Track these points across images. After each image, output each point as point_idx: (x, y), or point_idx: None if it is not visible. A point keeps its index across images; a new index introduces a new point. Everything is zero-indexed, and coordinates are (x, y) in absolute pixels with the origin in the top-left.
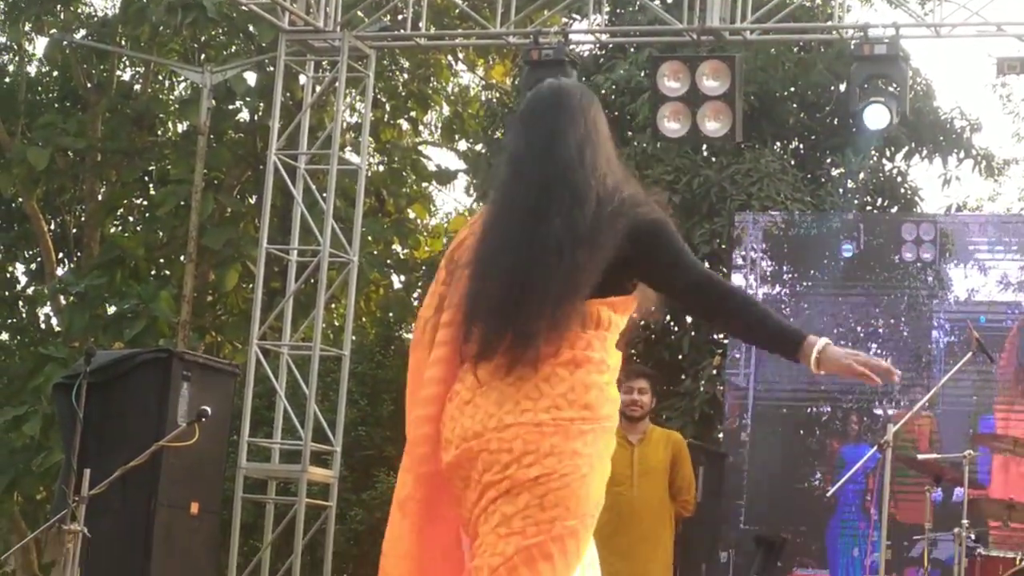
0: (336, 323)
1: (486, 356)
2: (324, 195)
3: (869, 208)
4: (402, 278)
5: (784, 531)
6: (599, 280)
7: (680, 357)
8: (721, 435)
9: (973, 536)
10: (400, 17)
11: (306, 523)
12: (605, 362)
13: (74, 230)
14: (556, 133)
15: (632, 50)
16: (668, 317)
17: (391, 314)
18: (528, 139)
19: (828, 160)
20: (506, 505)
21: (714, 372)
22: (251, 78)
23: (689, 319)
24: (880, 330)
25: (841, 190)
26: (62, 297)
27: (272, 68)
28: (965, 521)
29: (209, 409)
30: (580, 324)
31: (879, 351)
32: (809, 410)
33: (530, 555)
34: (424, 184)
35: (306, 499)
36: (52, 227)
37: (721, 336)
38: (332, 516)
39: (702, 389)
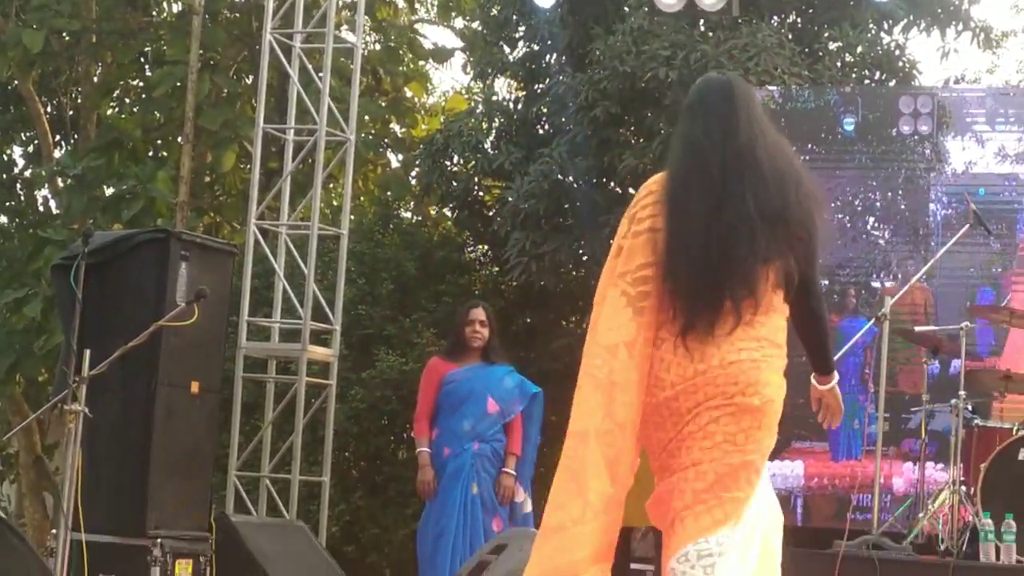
0: (334, 202)
1: (699, 314)
2: (320, 74)
3: (867, 82)
4: (400, 157)
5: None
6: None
7: None
8: None
9: (970, 407)
10: None
11: (306, 402)
12: (784, 309)
13: (71, 112)
14: (731, 121)
15: None
16: None
17: (389, 193)
18: (706, 127)
19: (825, 34)
20: (730, 425)
21: None
22: None
23: None
24: (877, 203)
25: (839, 64)
26: (60, 179)
27: None
28: (962, 392)
29: (207, 289)
30: (767, 284)
31: (876, 224)
32: None
33: (749, 467)
34: (421, 62)
35: (306, 378)
36: (48, 109)
37: None
38: (332, 395)
39: None
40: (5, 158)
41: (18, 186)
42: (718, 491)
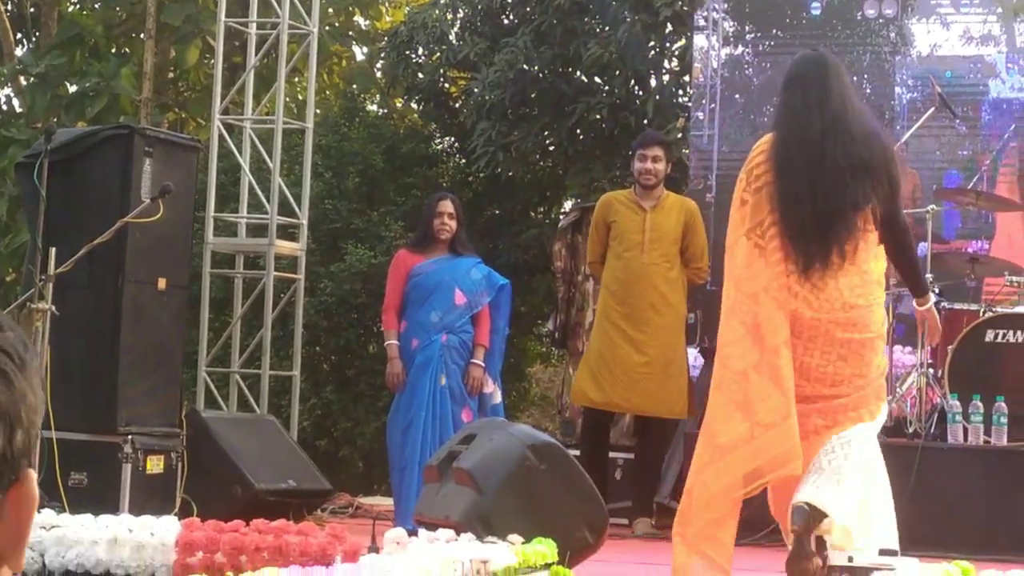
0: (299, 96)
1: (813, 256)
2: None
3: None
4: (364, 49)
5: None
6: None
7: (645, 121)
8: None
9: (937, 290)
10: None
11: (275, 297)
12: (878, 248)
13: (31, 9)
14: (825, 91)
15: None
16: (632, 83)
17: (354, 86)
18: (804, 97)
19: None
20: (856, 358)
21: (679, 135)
22: None
23: (653, 83)
24: None
25: None
26: (22, 78)
27: None
28: (929, 275)
29: (172, 185)
30: (862, 225)
31: None
32: None
33: (878, 390)
34: None
35: (274, 272)
36: (8, 7)
37: (684, 98)
38: (301, 289)
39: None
40: None
41: None
42: (855, 407)
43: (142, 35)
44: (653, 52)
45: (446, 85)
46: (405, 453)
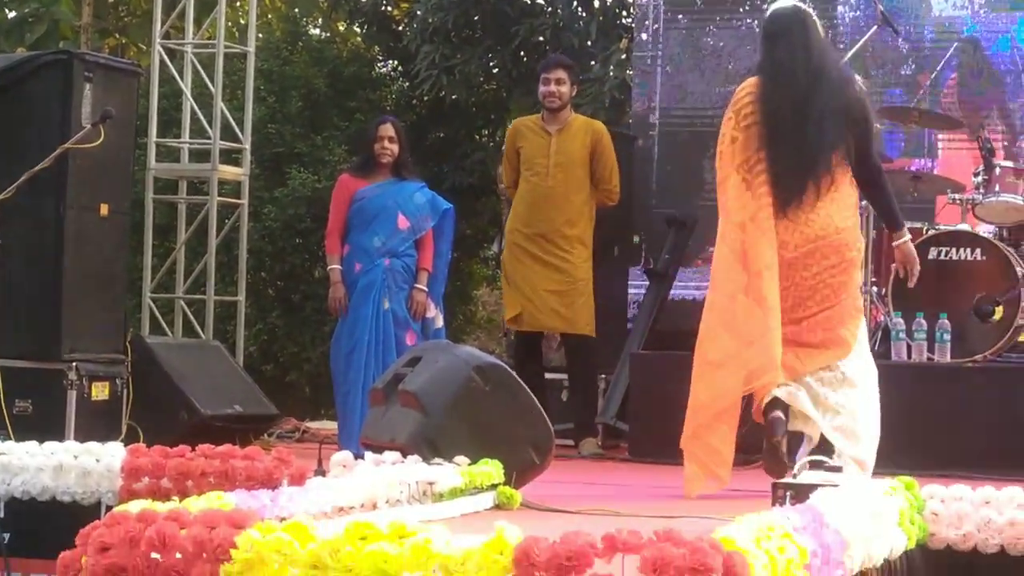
0: (240, 20)
1: (797, 188)
2: None
3: None
4: None
5: (695, 212)
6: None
7: (589, 43)
8: (630, 119)
9: None
10: None
11: (219, 222)
12: (851, 182)
13: None
14: (807, 42)
15: None
16: (575, 4)
17: (296, 9)
18: (789, 48)
19: None
20: (843, 275)
21: (623, 56)
22: None
23: (596, 4)
24: None
25: None
26: None
27: None
28: None
29: (113, 110)
30: (838, 162)
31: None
32: (717, 89)
33: (858, 302)
34: None
35: (218, 198)
36: None
37: (628, 19)
38: (245, 214)
39: (612, 74)
40: None
41: None
42: (843, 324)
43: None
44: None
45: (389, 8)
46: (349, 377)
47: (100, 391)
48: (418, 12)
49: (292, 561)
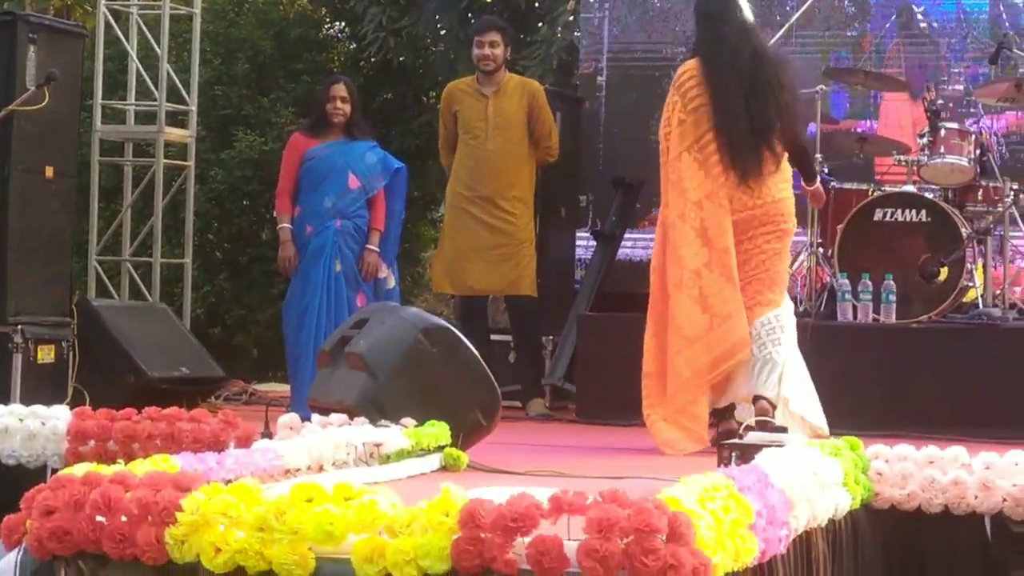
0: None
1: (749, 162)
2: None
3: None
4: None
5: (642, 174)
6: None
7: (536, 4)
8: (577, 81)
9: (827, 169)
10: None
11: (166, 184)
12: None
13: None
14: (744, 24)
15: None
16: None
17: None
18: (731, 30)
19: None
20: (777, 243)
21: (570, 18)
22: None
23: None
24: None
25: None
26: None
27: None
28: (819, 155)
29: (57, 72)
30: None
31: None
32: (664, 51)
33: (786, 271)
34: None
35: (164, 160)
36: None
37: None
38: (191, 176)
39: (559, 35)
40: None
41: None
42: (771, 289)
43: None
44: None
45: None
46: (300, 340)
47: (46, 354)
48: None
49: (238, 523)
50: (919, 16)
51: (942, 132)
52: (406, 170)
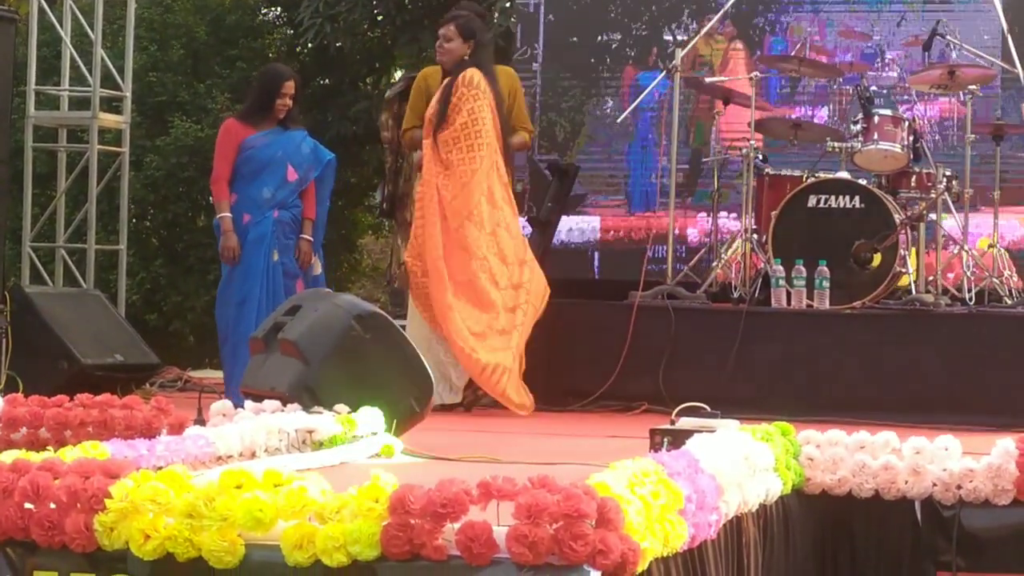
0: None
1: None
2: None
3: None
4: None
5: (576, 160)
6: None
7: None
8: (513, 67)
9: (761, 156)
10: None
11: (100, 171)
12: None
13: None
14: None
15: None
16: None
17: None
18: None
19: None
20: None
21: (507, 4)
22: None
23: None
24: None
25: None
26: None
27: None
28: (752, 141)
29: None
30: None
31: None
32: (600, 37)
33: None
34: None
35: (99, 146)
36: None
37: None
38: (126, 162)
39: (496, 22)
40: None
41: None
42: None
43: None
44: None
45: None
46: (239, 329)
47: None
48: None
49: (167, 510)
50: (853, 3)
51: (875, 119)
52: (336, 161)
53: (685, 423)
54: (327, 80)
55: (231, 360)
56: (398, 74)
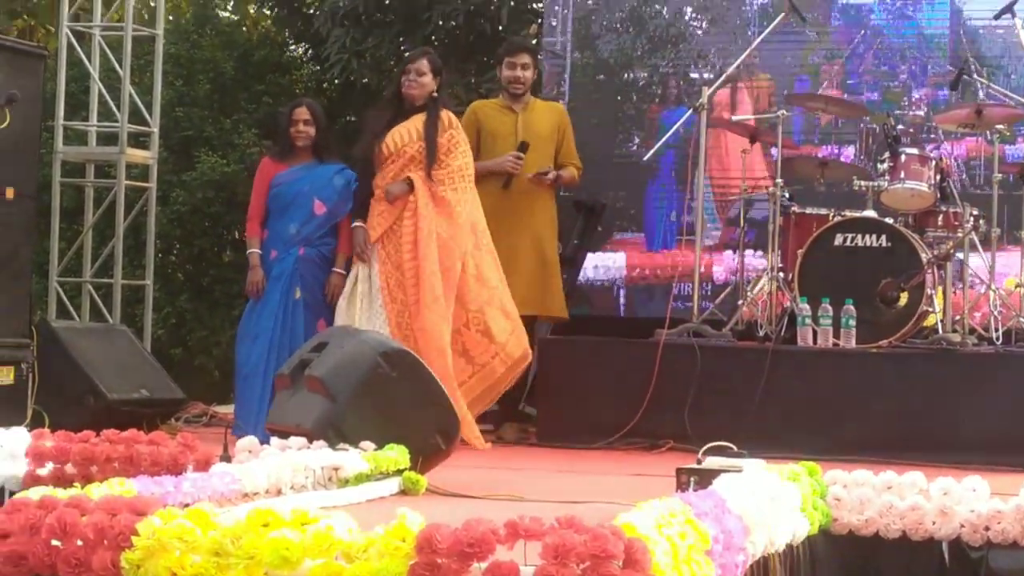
0: (149, 3)
1: None
2: None
3: None
4: None
5: (603, 197)
6: None
7: (500, 28)
8: None
9: (788, 194)
10: None
11: (127, 206)
12: None
13: None
14: None
15: None
16: None
17: None
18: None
19: None
20: None
21: (533, 42)
22: None
23: None
24: None
25: None
26: None
27: None
28: (780, 180)
29: (18, 93)
30: None
31: (694, 15)
32: (627, 75)
33: None
34: None
35: (126, 181)
36: None
37: (538, 4)
38: (153, 197)
39: None
40: None
41: None
42: None
43: None
44: None
45: None
46: (251, 361)
47: (5, 375)
48: None
49: (194, 548)
50: (880, 42)
51: (902, 157)
52: None
53: (712, 462)
54: (353, 116)
55: (241, 392)
56: None
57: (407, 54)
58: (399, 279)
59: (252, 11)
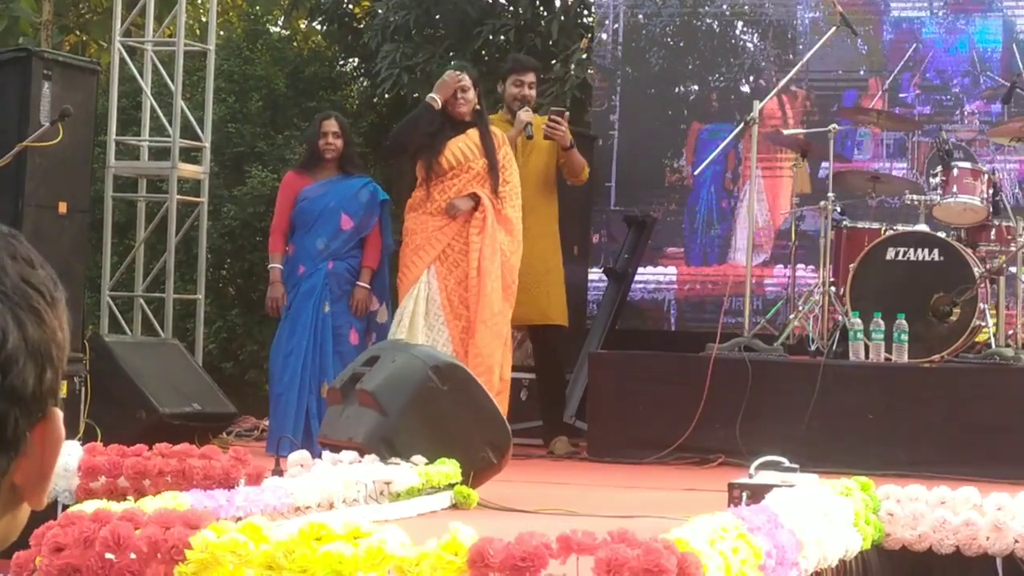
0: (201, 18)
1: None
2: None
3: None
4: None
5: (653, 211)
6: None
7: (551, 43)
8: (590, 119)
9: (839, 208)
10: None
11: (179, 220)
12: None
13: None
14: None
15: None
16: (537, 3)
17: (257, 7)
18: None
19: None
20: None
21: (583, 56)
22: None
23: (557, 3)
24: (745, 8)
25: None
26: None
27: None
28: (831, 194)
29: (71, 108)
30: None
31: (745, 28)
32: (677, 89)
33: None
34: None
35: (177, 196)
36: None
37: (589, 19)
38: (204, 212)
39: (572, 73)
40: None
41: None
42: None
43: None
44: None
45: (350, 6)
46: (284, 379)
47: None
48: (379, 11)
49: (247, 562)
50: (932, 56)
51: (955, 171)
52: (390, 202)
53: (764, 477)
54: None
55: (274, 410)
56: None
57: (449, 67)
58: (462, 295)
59: (303, 26)
